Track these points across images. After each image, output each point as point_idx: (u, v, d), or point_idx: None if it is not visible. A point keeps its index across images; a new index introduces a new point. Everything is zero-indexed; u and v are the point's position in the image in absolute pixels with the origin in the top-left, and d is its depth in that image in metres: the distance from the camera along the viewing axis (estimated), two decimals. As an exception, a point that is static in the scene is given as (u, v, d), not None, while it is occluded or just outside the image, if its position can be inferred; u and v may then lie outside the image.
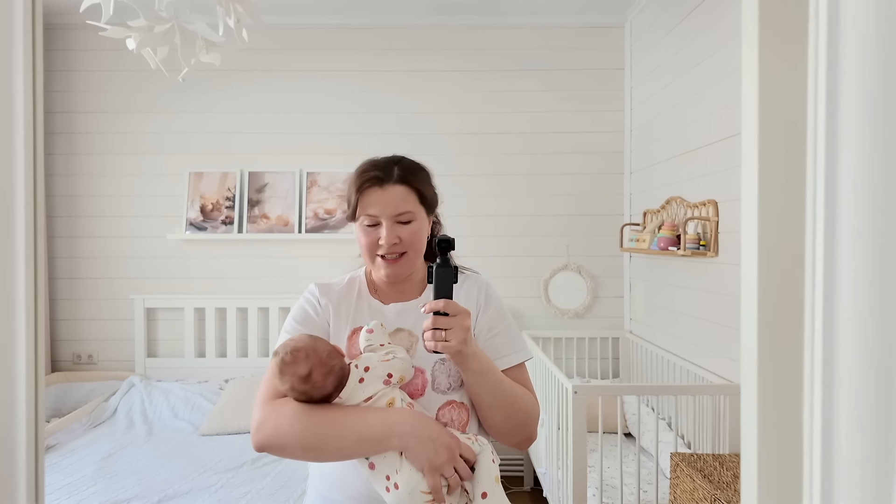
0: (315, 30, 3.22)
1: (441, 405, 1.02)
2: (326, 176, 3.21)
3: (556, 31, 3.23)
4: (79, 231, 3.21)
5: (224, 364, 3.17)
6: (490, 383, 0.99)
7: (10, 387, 0.53)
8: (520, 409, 1.03)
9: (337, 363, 0.93)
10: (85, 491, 2.04)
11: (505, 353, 1.08)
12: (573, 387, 1.94)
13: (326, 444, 0.91)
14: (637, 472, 1.97)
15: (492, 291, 1.15)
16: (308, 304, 1.11)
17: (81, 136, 3.21)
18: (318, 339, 0.96)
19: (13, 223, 0.53)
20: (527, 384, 1.09)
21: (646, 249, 2.60)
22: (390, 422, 0.90)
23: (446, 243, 0.97)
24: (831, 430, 0.44)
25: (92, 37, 3.16)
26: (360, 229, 1.06)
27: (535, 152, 3.24)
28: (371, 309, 1.10)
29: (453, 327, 0.92)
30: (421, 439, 0.89)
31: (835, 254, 0.44)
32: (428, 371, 1.03)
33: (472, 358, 0.96)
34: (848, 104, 0.43)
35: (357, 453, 0.91)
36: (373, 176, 1.04)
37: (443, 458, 0.89)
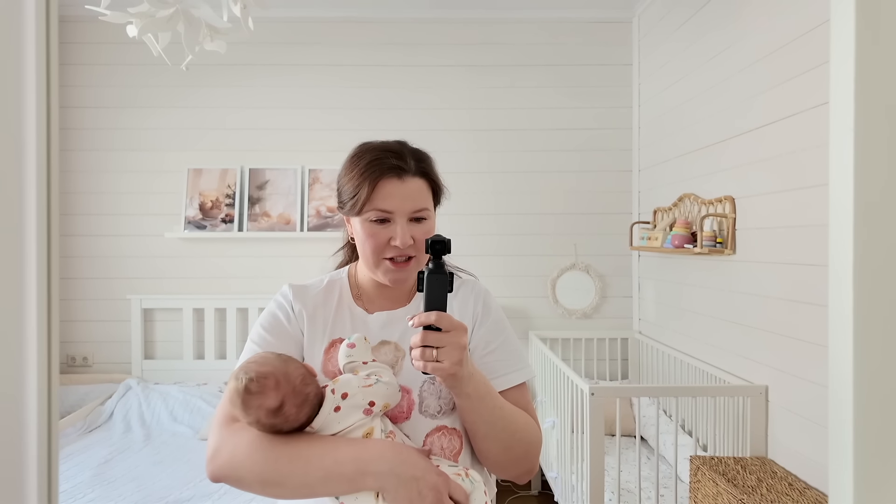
0: (317, 23, 3.15)
1: (429, 431, 0.88)
2: (329, 173, 3.14)
3: (563, 26, 3.17)
4: (74, 229, 3.12)
5: (224, 366, 3.08)
6: (487, 410, 0.85)
7: (20, 387, 0.46)
8: (520, 439, 0.89)
9: (312, 390, 0.79)
10: (82, 498, 1.95)
11: (503, 371, 0.94)
12: (590, 388, 1.88)
13: (288, 480, 0.76)
14: (656, 476, 1.91)
15: (490, 300, 1.00)
16: (280, 308, 0.95)
17: (77, 131, 3.12)
18: (290, 361, 0.80)
19: (24, 217, 0.46)
20: (528, 407, 0.94)
21: (658, 248, 2.54)
22: (365, 458, 0.76)
23: (441, 244, 0.79)
24: None
25: (88, 29, 3.07)
26: (363, 225, 0.90)
27: (542, 149, 3.18)
28: (353, 318, 0.95)
29: (446, 345, 0.77)
30: (402, 479, 0.75)
31: None
32: (415, 391, 0.89)
33: (468, 381, 0.81)
34: None
35: (324, 492, 0.77)
36: (393, 165, 0.89)
37: (428, 500, 0.74)
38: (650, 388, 2.00)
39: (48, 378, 0.45)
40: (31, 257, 0.44)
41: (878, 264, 0.48)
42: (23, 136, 0.45)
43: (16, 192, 0.43)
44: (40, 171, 0.45)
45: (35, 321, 0.43)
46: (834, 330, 0.48)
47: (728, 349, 2.20)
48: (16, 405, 0.44)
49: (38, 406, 0.44)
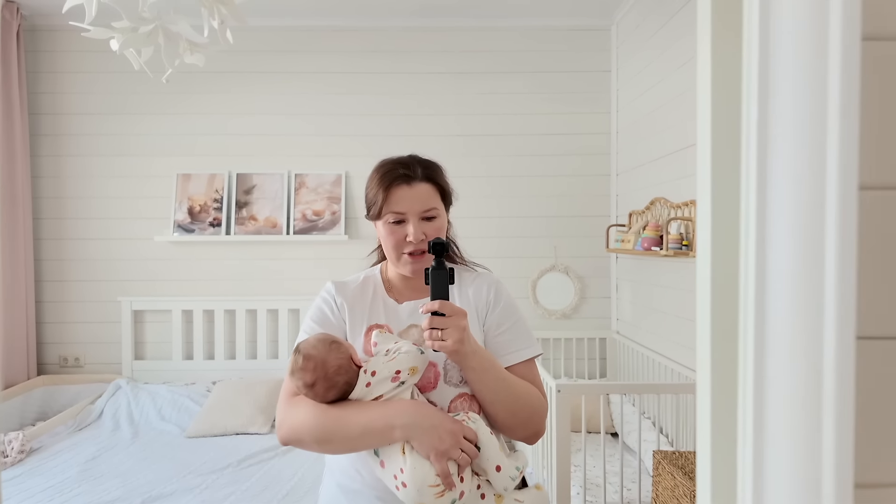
0: (302, 32, 3.23)
1: (453, 398, 1.03)
2: (314, 178, 3.22)
3: (544, 34, 3.25)
4: (65, 233, 3.20)
5: (212, 366, 3.16)
6: (491, 380, 1.00)
7: None
8: (524, 405, 1.03)
9: (342, 379, 0.96)
10: (68, 493, 2.03)
11: (513, 349, 1.09)
12: (556, 385, 1.95)
13: (335, 437, 0.95)
14: (620, 470, 1.98)
15: (501, 289, 1.15)
16: (325, 303, 1.13)
17: (68, 137, 3.20)
18: (332, 351, 0.97)
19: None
20: (535, 380, 1.09)
21: (630, 250, 2.62)
22: (391, 414, 0.93)
23: (441, 246, 0.99)
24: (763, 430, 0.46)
25: (78, 38, 3.15)
26: (384, 227, 1.08)
27: (523, 154, 3.26)
28: (386, 307, 1.12)
29: (449, 327, 0.94)
30: (423, 428, 0.91)
31: (766, 255, 0.46)
32: (440, 365, 1.05)
33: (471, 356, 0.97)
34: (780, 95, 0.44)
35: (364, 445, 0.95)
36: (401, 174, 1.06)
37: (447, 442, 0.91)
38: (615, 386, 2.07)
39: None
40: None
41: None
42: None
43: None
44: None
45: None
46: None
47: (693, 348, 2.28)
48: None
49: None
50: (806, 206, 0.44)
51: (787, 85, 0.44)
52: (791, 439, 0.45)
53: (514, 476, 0.95)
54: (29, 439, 2.44)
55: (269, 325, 3.21)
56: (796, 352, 0.45)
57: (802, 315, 0.45)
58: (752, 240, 0.47)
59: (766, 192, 0.46)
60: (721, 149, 0.57)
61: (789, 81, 0.44)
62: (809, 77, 0.44)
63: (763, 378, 0.47)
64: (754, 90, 0.46)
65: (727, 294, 0.58)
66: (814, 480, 0.45)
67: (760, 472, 0.47)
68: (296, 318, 3.22)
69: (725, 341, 0.59)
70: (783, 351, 0.45)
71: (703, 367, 0.59)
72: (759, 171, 0.47)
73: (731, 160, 0.56)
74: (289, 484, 2.12)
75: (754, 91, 0.46)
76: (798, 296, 0.45)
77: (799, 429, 0.45)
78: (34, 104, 3.18)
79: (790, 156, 0.44)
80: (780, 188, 0.45)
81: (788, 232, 0.45)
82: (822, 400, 0.45)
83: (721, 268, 0.59)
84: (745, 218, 0.48)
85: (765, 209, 0.47)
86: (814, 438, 0.45)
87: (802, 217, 0.44)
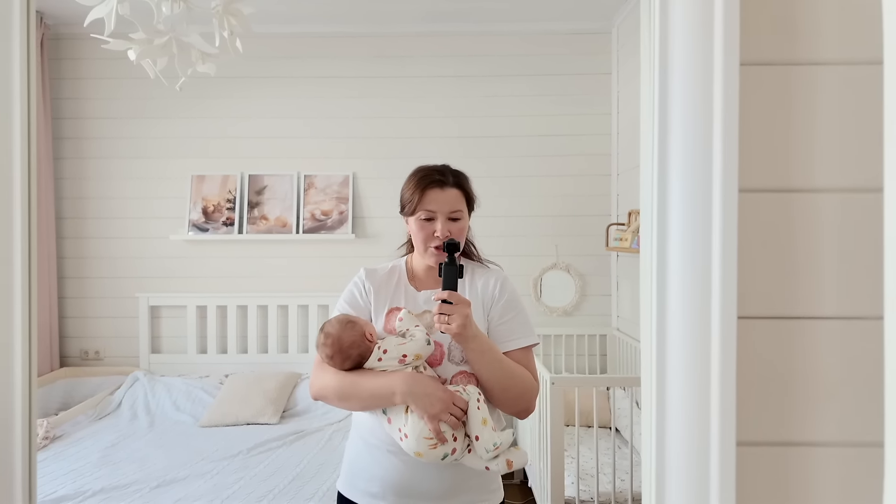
0: (311, 38, 3.34)
1: (455, 373, 1.23)
2: (323, 179, 3.33)
3: (545, 38, 3.32)
4: (86, 232, 3.35)
5: (224, 360, 3.29)
6: (488, 361, 1.18)
7: (8, 387, 0.63)
8: (516, 384, 1.21)
9: (355, 351, 1.18)
10: (88, 476, 2.16)
11: (512, 337, 1.26)
12: (550, 378, 2.03)
13: (351, 397, 1.19)
14: (613, 461, 2.05)
15: (506, 284, 1.32)
16: (356, 287, 1.33)
17: (89, 140, 3.35)
18: (346, 329, 1.19)
19: (11, 231, 0.63)
20: (528, 365, 1.26)
21: (628, 248, 2.69)
22: (391, 383, 1.15)
23: (453, 246, 1.18)
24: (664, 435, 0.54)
25: (98, 47, 3.27)
26: (416, 223, 1.26)
27: (526, 155, 3.34)
28: (406, 293, 1.30)
29: (454, 314, 1.12)
30: (418, 395, 1.12)
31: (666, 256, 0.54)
32: (445, 345, 1.24)
33: (472, 339, 1.15)
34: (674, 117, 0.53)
35: (374, 405, 1.18)
36: (437, 179, 1.26)
37: (437, 407, 1.11)
38: (608, 379, 2.15)
39: (28, 383, 0.63)
40: (17, 272, 0.61)
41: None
42: (9, 160, 0.63)
43: (3, 214, 0.60)
44: (24, 197, 0.62)
45: (20, 334, 0.61)
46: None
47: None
48: (4, 406, 0.60)
49: (21, 406, 0.61)
50: (696, 205, 0.52)
51: (679, 103, 0.53)
52: (683, 405, 0.54)
53: (489, 449, 1.10)
54: (53, 427, 2.58)
55: (280, 321, 3.33)
56: (689, 329, 0.53)
57: (694, 298, 0.53)
58: (654, 233, 0.56)
59: (666, 195, 0.55)
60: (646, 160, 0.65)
61: (681, 100, 0.53)
62: (697, 97, 0.52)
63: (664, 354, 0.56)
64: (656, 108, 0.55)
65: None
66: (703, 440, 0.53)
67: (663, 432, 0.56)
68: (305, 314, 3.33)
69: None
70: (678, 327, 0.54)
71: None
72: (661, 178, 0.55)
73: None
74: (295, 470, 2.23)
75: (656, 108, 0.55)
76: (689, 281, 0.53)
77: (691, 396, 0.54)
78: (57, 109, 3.33)
79: (682, 163, 0.53)
80: (675, 191, 0.53)
81: (681, 227, 0.53)
82: (709, 371, 0.53)
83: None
84: (649, 217, 0.57)
85: (665, 209, 0.55)
86: (703, 404, 0.53)
87: (693, 215, 0.53)
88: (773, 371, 0.54)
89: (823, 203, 0.52)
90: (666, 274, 0.56)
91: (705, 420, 0.54)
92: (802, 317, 0.53)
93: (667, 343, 0.55)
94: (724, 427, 0.53)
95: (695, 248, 0.54)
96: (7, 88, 0.63)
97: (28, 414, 0.67)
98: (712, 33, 0.51)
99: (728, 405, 0.52)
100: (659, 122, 0.55)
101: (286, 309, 3.33)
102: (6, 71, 0.63)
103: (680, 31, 0.52)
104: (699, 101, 0.53)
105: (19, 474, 0.67)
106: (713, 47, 0.52)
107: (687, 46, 0.52)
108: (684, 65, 0.53)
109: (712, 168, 0.53)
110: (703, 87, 0.52)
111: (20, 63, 0.64)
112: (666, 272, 0.56)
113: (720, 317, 0.54)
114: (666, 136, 0.55)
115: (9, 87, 0.63)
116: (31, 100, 0.66)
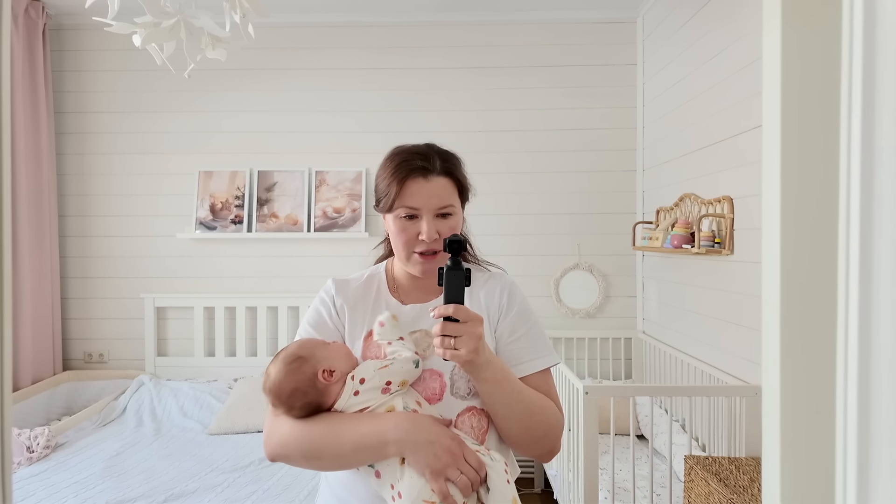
0: (323, 27, 3.20)
1: (460, 411, 0.95)
2: (335, 175, 3.19)
3: (567, 27, 3.18)
4: (90, 230, 3.22)
5: (233, 363, 3.16)
6: (505, 394, 0.92)
7: None
8: (539, 421, 0.95)
9: (298, 402, 0.91)
10: (92, 489, 2.03)
11: (527, 358, 1.00)
12: (584, 387, 1.90)
13: (324, 453, 0.89)
14: (650, 474, 1.92)
15: (516, 291, 1.07)
16: (323, 305, 1.06)
17: (92, 135, 3.22)
18: (290, 373, 0.91)
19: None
20: (550, 392, 1.01)
21: (659, 248, 2.55)
22: (383, 429, 0.87)
23: (457, 244, 0.88)
24: (868, 437, 0.40)
25: (103, 37, 3.16)
26: (395, 222, 0.98)
27: (546, 150, 3.20)
28: (389, 309, 1.03)
29: (463, 335, 0.85)
30: (418, 444, 0.85)
31: (871, 251, 0.40)
32: (447, 375, 0.96)
33: (486, 367, 0.89)
34: (887, 88, 0.39)
35: (357, 462, 0.89)
36: (418, 166, 0.97)
37: (444, 461, 0.84)
38: (645, 388, 2.01)
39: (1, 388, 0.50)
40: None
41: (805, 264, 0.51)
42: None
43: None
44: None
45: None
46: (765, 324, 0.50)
47: (726, 349, 2.20)
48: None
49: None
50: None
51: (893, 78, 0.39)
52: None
53: None
54: (54, 434, 2.46)
55: (291, 323, 3.20)
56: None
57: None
58: (857, 247, 0.42)
59: (871, 198, 0.41)
60: (797, 147, 0.51)
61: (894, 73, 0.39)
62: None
63: (868, 380, 0.42)
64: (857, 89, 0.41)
65: (801, 296, 0.52)
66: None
67: (866, 476, 0.42)
68: (316, 316, 3.20)
69: (799, 346, 0.53)
70: (891, 352, 0.40)
71: (772, 375, 0.54)
72: (864, 176, 0.41)
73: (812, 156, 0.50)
74: (311, 484, 2.10)
75: (857, 89, 0.41)
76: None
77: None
78: (59, 103, 3.20)
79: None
80: (887, 192, 0.40)
81: (893, 242, 0.39)
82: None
83: (792, 270, 0.53)
84: (843, 228, 0.43)
85: (871, 218, 0.41)
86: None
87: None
88: None
89: None
90: (870, 292, 0.42)
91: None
92: None
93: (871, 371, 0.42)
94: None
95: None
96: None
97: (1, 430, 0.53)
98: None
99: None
100: (863, 106, 0.41)
101: (297, 311, 3.21)
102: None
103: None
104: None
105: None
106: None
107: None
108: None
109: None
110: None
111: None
112: (870, 289, 0.42)
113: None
114: (871, 120, 0.41)
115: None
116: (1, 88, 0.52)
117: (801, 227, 0.52)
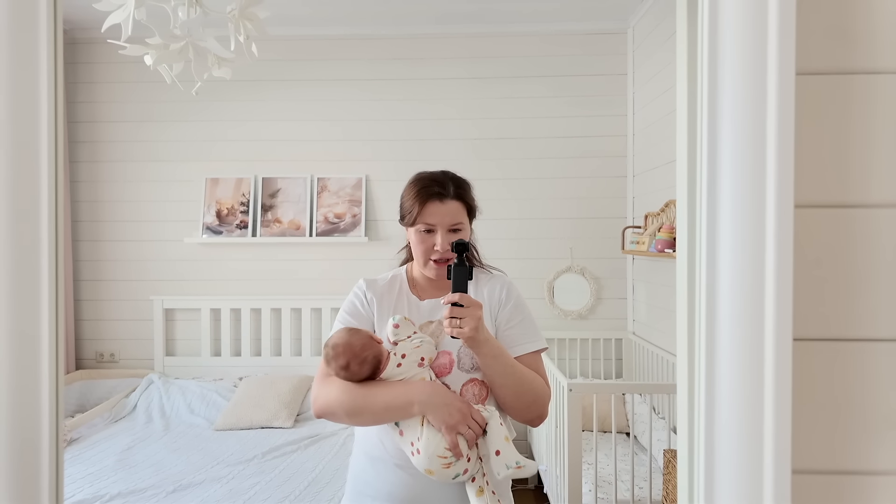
0: (324, 40, 3.33)
1: (465, 382, 1.18)
2: (336, 181, 3.32)
3: (560, 38, 3.29)
4: (101, 235, 3.37)
5: (238, 363, 3.29)
6: (500, 366, 1.14)
7: (35, 387, 0.62)
8: (528, 389, 1.18)
9: (370, 353, 1.13)
10: (105, 480, 2.16)
11: (521, 342, 1.23)
12: (569, 384, 2.01)
13: (363, 411, 1.12)
14: (631, 468, 2.02)
15: (512, 289, 1.31)
16: (356, 298, 1.29)
17: (104, 144, 3.37)
18: (355, 334, 1.14)
19: (39, 239, 0.63)
20: (539, 370, 1.23)
21: (645, 251, 2.65)
22: (410, 392, 1.10)
23: (462, 246, 1.14)
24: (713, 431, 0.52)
25: (114, 50, 3.29)
26: (415, 234, 1.23)
27: (540, 157, 3.31)
28: (409, 302, 1.27)
29: (466, 316, 1.08)
30: (437, 405, 1.08)
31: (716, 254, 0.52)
32: (454, 353, 1.19)
33: (484, 343, 1.11)
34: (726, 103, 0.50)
35: (388, 418, 1.12)
36: (436, 192, 1.22)
37: (456, 418, 1.07)
38: (626, 385, 2.12)
39: (56, 382, 0.62)
40: (45, 276, 0.61)
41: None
42: (37, 165, 0.62)
43: (31, 221, 0.59)
44: (51, 204, 0.61)
45: (47, 335, 0.60)
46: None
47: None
48: (32, 406, 0.60)
49: (49, 406, 0.60)
50: (748, 222, 0.50)
51: (729, 115, 0.50)
52: (737, 431, 0.51)
53: (510, 465, 1.05)
54: (69, 429, 2.59)
55: (293, 324, 3.33)
56: (741, 352, 0.51)
57: (746, 318, 0.51)
58: (704, 249, 0.53)
59: (716, 211, 0.52)
60: (687, 170, 0.63)
61: (731, 111, 0.50)
62: (749, 108, 0.49)
63: (713, 376, 0.53)
64: (704, 120, 0.52)
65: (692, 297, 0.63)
66: (756, 467, 0.51)
67: (711, 461, 0.53)
68: (318, 317, 3.33)
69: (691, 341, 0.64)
70: (729, 349, 0.51)
71: (681, 365, 0.65)
72: (710, 193, 0.53)
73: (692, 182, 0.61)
74: (310, 475, 2.22)
75: (704, 120, 0.52)
76: (742, 301, 0.50)
77: (744, 421, 0.51)
78: (73, 113, 3.35)
79: (733, 177, 0.50)
80: (725, 206, 0.51)
81: (731, 245, 0.51)
82: (763, 395, 0.50)
83: (689, 273, 0.64)
84: (698, 236, 0.54)
85: (715, 225, 0.52)
86: (756, 429, 0.51)
87: (745, 233, 0.50)
88: (830, 395, 0.52)
89: (882, 219, 0.49)
90: (716, 293, 0.53)
91: (758, 447, 0.51)
92: (861, 339, 0.50)
93: (716, 365, 0.53)
94: (779, 454, 0.50)
95: (747, 266, 0.51)
96: (34, 95, 0.62)
97: (55, 413, 0.66)
98: (766, 40, 0.49)
99: (783, 431, 0.50)
100: (708, 135, 0.53)
101: (299, 312, 3.33)
102: (33, 77, 0.62)
103: (731, 39, 0.50)
104: (751, 111, 0.50)
105: (46, 476, 0.66)
106: (767, 55, 0.49)
107: (738, 54, 0.50)
108: (735, 74, 0.50)
109: (766, 182, 0.51)
110: (756, 97, 0.50)
111: (47, 69, 0.63)
112: (716, 291, 0.53)
113: (774, 338, 0.51)
114: (715, 148, 0.52)
115: (36, 94, 0.62)
116: (58, 109, 0.66)
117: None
